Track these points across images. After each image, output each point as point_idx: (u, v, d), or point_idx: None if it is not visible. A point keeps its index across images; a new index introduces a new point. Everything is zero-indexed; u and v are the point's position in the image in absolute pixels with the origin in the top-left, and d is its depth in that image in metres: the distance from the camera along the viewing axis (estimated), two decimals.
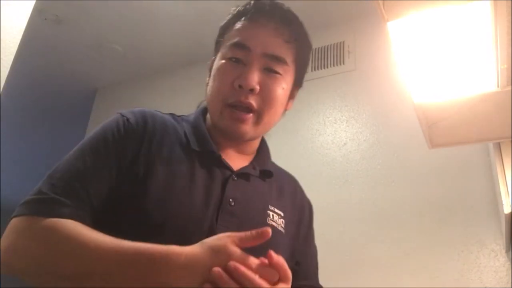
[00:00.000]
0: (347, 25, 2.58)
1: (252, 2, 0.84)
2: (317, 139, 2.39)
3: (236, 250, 0.62)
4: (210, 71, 0.87)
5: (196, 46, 2.82)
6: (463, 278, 1.76)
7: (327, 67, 2.54)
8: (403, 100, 2.01)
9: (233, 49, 0.80)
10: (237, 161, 0.86)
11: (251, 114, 0.80)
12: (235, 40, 0.80)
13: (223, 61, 0.81)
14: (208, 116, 0.88)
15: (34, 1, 1.56)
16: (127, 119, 0.80)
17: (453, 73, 1.23)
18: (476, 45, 1.10)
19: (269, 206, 0.85)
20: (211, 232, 0.72)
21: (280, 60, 0.80)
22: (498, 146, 1.52)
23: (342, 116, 2.39)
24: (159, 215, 0.71)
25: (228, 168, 0.82)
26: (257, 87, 0.78)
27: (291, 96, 0.91)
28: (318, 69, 2.57)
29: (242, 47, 0.79)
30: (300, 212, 0.95)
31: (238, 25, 0.83)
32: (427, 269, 1.83)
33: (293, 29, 0.83)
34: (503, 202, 1.41)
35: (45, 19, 2.73)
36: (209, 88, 0.84)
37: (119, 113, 0.83)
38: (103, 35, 2.87)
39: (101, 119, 0.84)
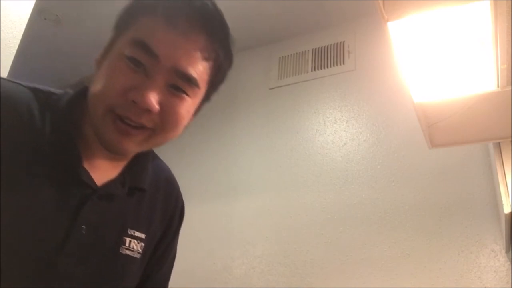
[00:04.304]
0: (347, 25, 2.58)
1: None
2: (317, 139, 2.39)
3: None
4: (106, 50, 0.67)
5: None
6: (463, 278, 1.76)
7: (327, 67, 2.54)
8: (403, 100, 2.01)
9: (135, 48, 0.60)
10: (104, 170, 0.69)
11: (141, 130, 0.62)
12: (140, 37, 0.60)
13: (121, 60, 0.61)
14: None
15: (34, 1, 1.56)
16: None
17: (453, 73, 1.23)
18: (476, 45, 1.10)
19: (128, 231, 0.71)
20: (52, 269, 0.61)
21: (192, 82, 0.62)
22: (498, 146, 1.52)
23: (342, 116, 2.39)
24: None
25: (90, 185, 0.66)
26: (156, 108, 0.60)
27: (196, 112, 0.72)
28: (318, 69, 2.57)
29: (147, 51, 0.59)
30: (169, 222, 0.83)
31: (149, 16, 0.62)
32: (427, 269, 1.83)
33: (218, 43, 0.65)
34: (503, 202, 1.41)
35: (45, 19, 2.73)
36: (95, 81, 0.63)
37: None
38: (103, 35, 2.85)
39: None
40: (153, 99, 0.59)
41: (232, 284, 2.23)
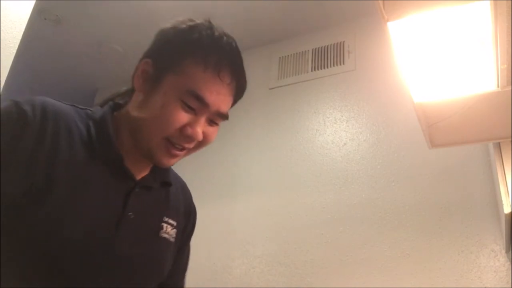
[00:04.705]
0: (347, 25, 2.58)
1: (215, 38, 0.80)
2: (317, 139, 2.39)
3: None
4: (147, 79, 0.81)
5: None
6: (463, 278, 1.76)
7: (327, 67, 2.54)
8: (403, 100, 2.01)
9: (192, 98, 0.77)
10: (139, 167, 0.84)
11: (184, 151, 0.82)
12: (195, 90, 0.77)
13: (177, 103, 0.77)
14: (116, 114, 0.85)
15: (34, 1, 1.56)
16: (24, 112, 0.71)
17: (453, 73, 1.23)
18: (476, 45, 1.11)
19: (164, 218, 0.87)
20: (110, 249, 0.74)
21: (225, 117, 0.84)
22: (498, 146, 1.52)
23: (342, 116, 2.39)
24: (55, 234, 0.68)
25: (132, 178, 0.81)
26: (202, 137, 0.80)
27: None
28: (318, 69, 2.57)
29: (201, 102, 0.77)
30: (187, 219, 0.96)
31: (201, 68, 0.77)
32: (427, 269, 1.83)
33: (240, 82, 0.83)
34: (503, 202, 1.41)
35: (45, 19, 2.73)
36: (146, 108, 0.79)
37: (13, 100, 0.72)
38: (103, 35, 2.87)
39: None
40: (200, 132, 0.79)
41: (232, 284, 2.23)
